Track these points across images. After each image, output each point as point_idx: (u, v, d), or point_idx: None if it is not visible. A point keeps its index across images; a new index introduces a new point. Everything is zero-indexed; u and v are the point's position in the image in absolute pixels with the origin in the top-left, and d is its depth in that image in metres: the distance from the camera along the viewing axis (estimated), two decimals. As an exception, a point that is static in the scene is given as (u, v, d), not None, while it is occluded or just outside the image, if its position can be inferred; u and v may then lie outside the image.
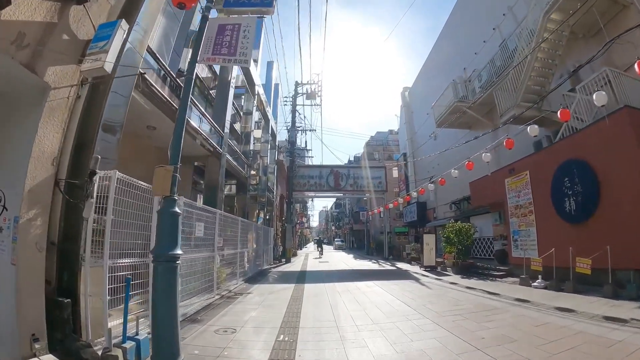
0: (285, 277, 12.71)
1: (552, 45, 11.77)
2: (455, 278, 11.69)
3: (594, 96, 7.81)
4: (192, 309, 6.25)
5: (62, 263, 4.02)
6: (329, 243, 77.13)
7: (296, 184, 22.59)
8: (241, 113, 16.75)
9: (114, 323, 3.83)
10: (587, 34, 11.59)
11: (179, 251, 3.07)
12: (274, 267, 16.60)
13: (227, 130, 10.31)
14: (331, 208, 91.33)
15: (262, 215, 19.95)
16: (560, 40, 11.60)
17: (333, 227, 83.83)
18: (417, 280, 11.41)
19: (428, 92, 27.82)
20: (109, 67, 4.08)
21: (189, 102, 4.01)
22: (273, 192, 21.39)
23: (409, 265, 18.57)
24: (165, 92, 6.74)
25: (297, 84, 23.78)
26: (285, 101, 24.18)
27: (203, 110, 8.97)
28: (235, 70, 12.13)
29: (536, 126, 9.37)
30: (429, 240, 16.63)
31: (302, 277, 12.38)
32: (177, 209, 3.21)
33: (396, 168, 35.52)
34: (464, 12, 22.23)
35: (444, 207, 26.10)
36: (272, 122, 21.04)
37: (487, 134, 15.48)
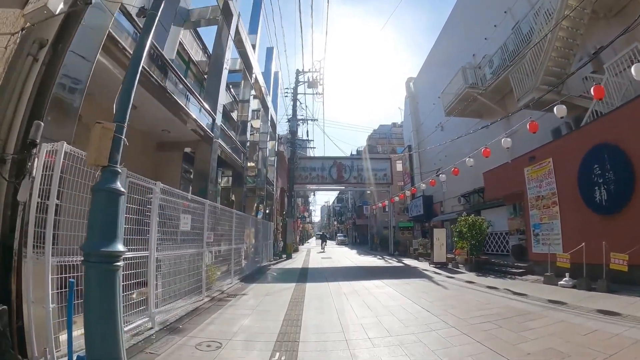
0: (285, 275, 11.83)
1: (574, 23, 10.88)
2: (471, 276, 10.78)
3: (633, 69, 6.81)
4: (174, 315, 5.37)
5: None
6: (331, 238, 76.52)
7: (297, 176, 21.67)
8: (238, 100, 15.79)
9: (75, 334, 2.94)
10: (608, 13, 10.80)
11: (120, 247, 2.17)
12: (274, 264, 15.75)
13: (219, 112, 9.37)
14: (333, 203, 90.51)
15: (261, 209, 19.06)
16: (582, 18, 10.74)
17: (335, 222, 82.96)
18: (429, 278, 10.50)
19: (434, 81, 27.06)
20: (54, 6, 3.16)
21: (148, 45, 3.06)
22: (273, 185, 20.47)
23: (416, 261, 17.68)
24: (143, 61, 5.78)
25: (298, 72, 22.83)
26: (286, 93, 23.22)
27: (195, 92, 8.03)
28: (231, 51, 11.16)
29: (563, 106, 8.40)
30: (439, 235, 15.71)
31: (303, 275, 11.49)
32: (118, 186, 2.28)
33: (400, 161, 34.55)
34: (472, -2, 21.26)
35: (451, 200, 25.23)
36: (271, 112, 20.08)
37: (502, 119, 14.59)
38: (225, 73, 9.93)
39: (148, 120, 7.72)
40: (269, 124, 19.29)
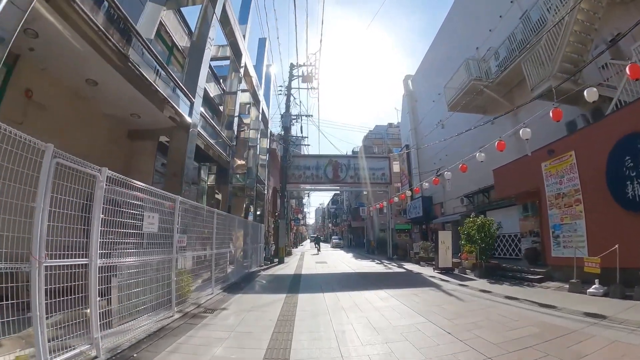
0: (276, 284, 10.68)
1: (592, 6, 10.05)
2: (483, 283, 9.73)
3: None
4: (130, 339, 4.24)
5: None
6: (326, 240, 75.36)
7: (291, 175, 20.54)
8: (226, 92, 14.65)
9: None
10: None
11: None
12: (265, 269, 14.60)
13: (199, 96, 8.23)
14: (328, 204, 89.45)
15: (252, 210, 17.91)
16: (600, 1, 9.92)
17: (330, 225, 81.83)
18: (438, 287, 9.43)
19: (434, 78, 26.58)
20: None
21: None
22: (264, 185, 19.34)
23: (418, 266, 16.63)
24: (99, 20, 4.66)
25: (292, 66, 21.71)
26: (280, 90, 22.09)
27: (167, 67, 6.89)
28: (216, 31, 10.04)
29: (594, 89, 7.43)
30: (444, 238, 14.70)
31: (296, 284, 10.35)
32: None
33: (397, 162, 33.57)
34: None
35: (453, 201, 24.33)
36: (263, 106, 19.00)
37: (509, 113, 13.66)
38: (207, 53, 8.81)
39: (113, 100, 6.60)
40: (260, 119, 18.18)
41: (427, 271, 14.13)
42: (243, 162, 16.21)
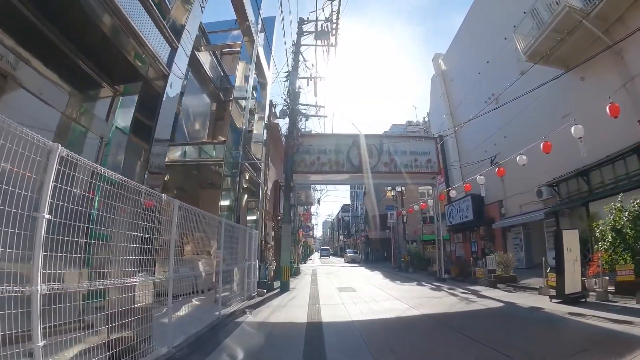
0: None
1: None
2: None
3: None
4: None
5: None
6: (335, 254, 68.95)
7: (299, 162, 14.78)
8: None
9: None
10: None
11: None
12: (255, 308, 8.70)
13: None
14: (338, 213, 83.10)
15: (246, 208, 12.07)
16: None
17: (341, 237, 75.36)
18: None
19: (475, 50, 24.20)
20: None
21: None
22: (260, 173, 13.48)
23: (502, 292, 10.85)
24: None
25: (301, 21, 16.22)
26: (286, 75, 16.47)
27: None
28: None
29: None
30: (570, 241, 8.83)
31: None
32: None
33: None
34: None
35: (519, 197, 18.49)
36: (259, 50, 13.39)
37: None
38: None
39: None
40: (253, 66, 12.46)
41: (536, 301, 8.45)
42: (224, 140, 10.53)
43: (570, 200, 14.89)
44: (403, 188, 24.72)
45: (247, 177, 12.10)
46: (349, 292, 11.67)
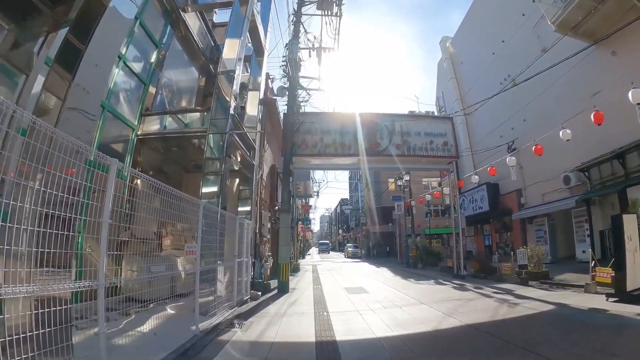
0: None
1: None
2: None
3: None
4: None
5: None
6: (334, 249, 67.22)
7: (300, 143, 12.89)
8: None
9: None
10: None
11: None
12: (249, 314, 6.90)
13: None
14: (336, 207, 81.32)
15: (239, 194, 10.20)
16: None
17: (340, 231, 73.61)
18: None
19: (489, 29, 22.73)
20: None
21: None
22: (254, 150, 11.56)
23: (538, 290, 9.20)
24: None
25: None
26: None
27: None
28: None
29: None
30: (630, 228, 7.20)
31: None
32: None
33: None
34: None
35: (542, 185, 16.80)
36: (254, 10, 11.43)
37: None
38: None
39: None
40: (247, 24, 10.51)
41: (589, 301, 7.25)
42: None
43: (604, 186, 13.34)
44: (409, 177, 22.84)
45: (239, 158, 10.22)
46: (360, 294, 9.87)
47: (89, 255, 5.11)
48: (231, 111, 8.36)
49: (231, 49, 9.88)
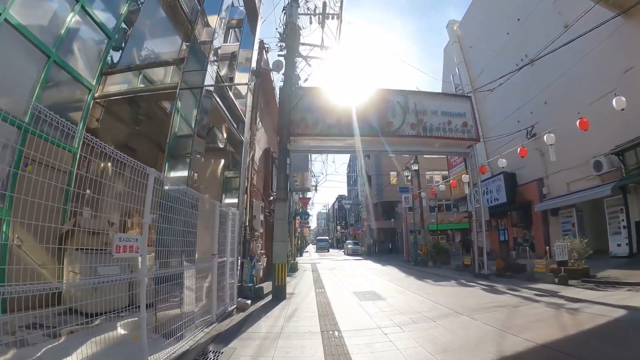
0: None
1: None
2: None
3: None
4: None
5: None
6: (332, 246, 65.29)
7: (299, 122, 10.99)
8: None
9: None
10: None
11: None
12: (231, 336, 5.02)
13: None
14: (334, 204, 79.41)
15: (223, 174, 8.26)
16: None
17: (338, 227, 71.66)
18: None
19: (502, 7, 21.32)
20: None
21: None
22: (243, 123, 9.60)
23: (585, 290, 7.54)
24: None
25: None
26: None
27: None
28: None
29: None
30: None
31: None
32: None
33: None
34: None
35: (566, 173, 15.10)
36: None
37: None
38: None
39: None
40: None
41: None
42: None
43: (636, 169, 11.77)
44: (418, 166, 20.98)
45: (225, 134, 8.29)
46: (375, 301, 7.99)
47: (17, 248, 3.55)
48: (213, 63, 6.41)
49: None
